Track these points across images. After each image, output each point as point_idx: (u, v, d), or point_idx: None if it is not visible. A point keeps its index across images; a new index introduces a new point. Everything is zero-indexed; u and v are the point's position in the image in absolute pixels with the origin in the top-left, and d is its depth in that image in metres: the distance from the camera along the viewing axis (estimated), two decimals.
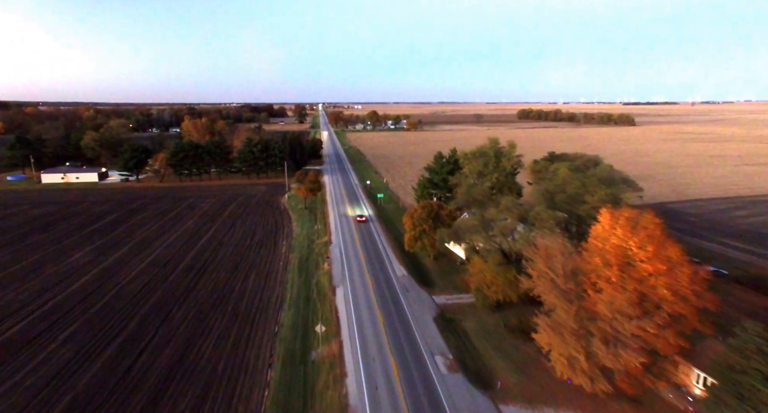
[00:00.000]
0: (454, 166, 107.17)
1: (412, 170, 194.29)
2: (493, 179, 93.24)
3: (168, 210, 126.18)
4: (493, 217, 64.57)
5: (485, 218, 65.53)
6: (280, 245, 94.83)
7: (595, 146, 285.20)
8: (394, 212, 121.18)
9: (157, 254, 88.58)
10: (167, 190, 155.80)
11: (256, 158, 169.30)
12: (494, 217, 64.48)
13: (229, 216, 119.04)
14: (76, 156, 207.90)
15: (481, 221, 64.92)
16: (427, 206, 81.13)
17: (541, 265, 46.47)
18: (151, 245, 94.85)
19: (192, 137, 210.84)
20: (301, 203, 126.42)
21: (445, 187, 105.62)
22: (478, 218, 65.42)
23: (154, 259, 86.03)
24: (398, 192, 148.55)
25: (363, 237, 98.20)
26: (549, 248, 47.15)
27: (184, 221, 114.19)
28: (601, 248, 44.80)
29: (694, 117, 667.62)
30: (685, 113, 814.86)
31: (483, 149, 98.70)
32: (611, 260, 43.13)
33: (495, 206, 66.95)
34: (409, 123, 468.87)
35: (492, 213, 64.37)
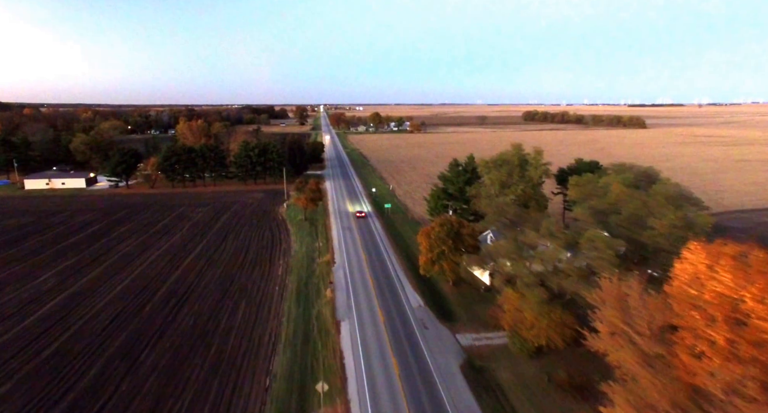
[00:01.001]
0: (472, 175, 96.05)
1: (418, 175, 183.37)
2: (518, 190, 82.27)
3: (155, 221, 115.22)
4: (533, 242, 53.43)
5: (522, 243, 54.39)
6: (277, 264, 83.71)
7: (609, 149, 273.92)
8: (403, 224, 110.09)
9: (135, 276, 77.53)
10: (157, 197, 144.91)
11: (253, 162, 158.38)
12: (533, 242, 53.34)
13: (222, 228, 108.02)
14: (65, 160, 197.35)
15: (517, 246, 53.77)
16: (445, 223, 69.97)
17: (614, 317, 35.32)
18: (131, 263, 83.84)
19: (187, 140, 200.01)
20: (301, 214, 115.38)
21: (462, 198, 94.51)
22: (512, 242, 54.26)
23: (132, 282, 75.00)
24: (405, 201, 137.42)
25: (370, 255, 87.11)
26: (623, 293, 36.00)
27: (171, 234, 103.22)
28: (695, 297, 33.65)
29: (705, 119, 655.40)
30: (694, 115, 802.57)
31: (505, 157, 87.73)
32: (716, 315, 31.99)
33: (532, 226, 55.83)
34: (413, 125, 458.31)
35: (531, 238, 53.21)
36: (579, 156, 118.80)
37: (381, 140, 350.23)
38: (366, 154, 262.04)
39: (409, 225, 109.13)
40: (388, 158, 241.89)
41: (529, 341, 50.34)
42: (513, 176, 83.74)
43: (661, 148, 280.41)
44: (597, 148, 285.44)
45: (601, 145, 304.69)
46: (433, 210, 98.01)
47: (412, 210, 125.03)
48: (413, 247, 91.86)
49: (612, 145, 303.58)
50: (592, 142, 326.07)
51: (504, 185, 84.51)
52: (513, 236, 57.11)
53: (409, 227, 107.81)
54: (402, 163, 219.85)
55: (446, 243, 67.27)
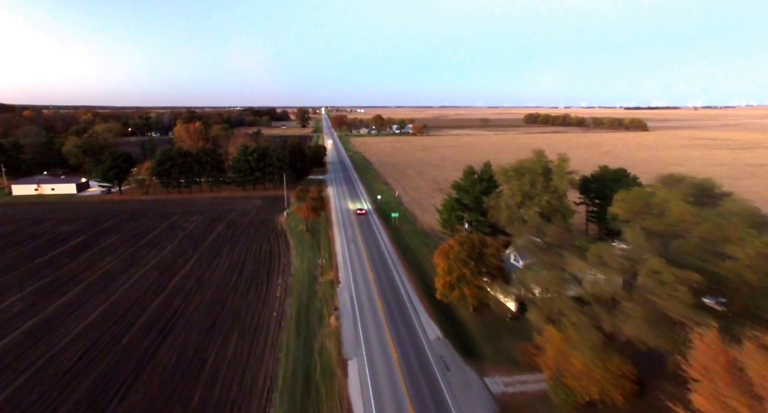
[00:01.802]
0: (489, 184, 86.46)
1: (424, 180, 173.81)
2: (542, 202, 72.57)
3: (145, 231, 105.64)
4: (578, 271, 43.85)
5: (566, 273, 44.83)
6: (275, 284, 74.10)
7: (615, 152, 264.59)
8: (411, 236, 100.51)
9: (115, 299, 67.93)
10: (150, 204, 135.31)
11: (251, 167, 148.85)
12: (579, 271, 43.76)
13: (216, 240, 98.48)
14: (58, 164, 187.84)
15: (560, 278, 44.19)
16: (466, 241, 60.41)
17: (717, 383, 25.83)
18: (113, 283, 74.24)
19: (184, 144, 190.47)
20: (302, 224, 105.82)
21: (478, 209, 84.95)
22: (554, 273, 44.65)
23: (110, 307, 65.41)
24: (413, 209, 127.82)
25: (378, 272, 77.51)
26: (733, 360, 26.47)
27: (161, 247, 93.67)
28: None
29: (703, 122, 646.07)
30: (691, 118, 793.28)
31: (527, 164, 78.18)
32: None
33: (576, 251, 46.22)
34: (415, 127, 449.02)
35: (577, 266, 43.60)
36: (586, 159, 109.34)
37: (384, 143, 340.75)
38: (369, 157, 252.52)
39: (419, 237, 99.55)
40: (392, 161, 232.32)
41: (577, 392, 40.79)
42: (537, 186, 74.18)
43: (667, 151, 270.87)
44: (602, 151, 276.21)
45: (606, 148, 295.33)
46: (446, 222, 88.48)
47: (421, 220, 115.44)
48: (424, 263, 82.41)
49: (617, 148, 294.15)
50: (596, 145, 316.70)
51: (527, 196, 74.91)
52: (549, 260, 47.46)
53: (419, 239, 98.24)
54: (407, 167, 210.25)
55: (468, 265, 57.73)
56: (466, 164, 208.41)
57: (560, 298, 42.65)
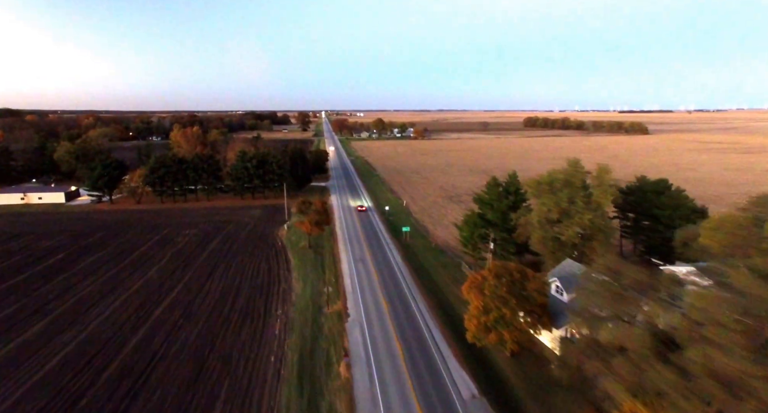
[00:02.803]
0: (516, 198, 74.90)
1: (432, 187, 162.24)
2: (584, 220, 60.88)
3: (133, 247, 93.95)
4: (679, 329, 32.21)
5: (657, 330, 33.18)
6: (274, 317, 62.42)
7: (622, 157, 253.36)
8: (425, 254, 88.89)
9: (85, 337, 56.26)
10: (142, 215, 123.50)
11: (250, 175, 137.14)
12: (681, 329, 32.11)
13: (210, 258, 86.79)
14: (51, 171, 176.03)
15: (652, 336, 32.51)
16: (503, 273, 48.92)
17: None
18: (86, 314, 62.54)
19: (181, 149, 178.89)
20: (305, 239, 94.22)
21: (504, 227, 73.41)
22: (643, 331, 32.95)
23: (77, 348, 53.73)
24: (424, 221, 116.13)
25: (392, 301, 65.85)
26: None
27: (148, 266, 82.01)
28: None
29: (701, 125, 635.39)
30: (689, 121, 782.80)
31: (562, 176, 66.44)
32: None
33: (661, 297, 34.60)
34: (416, 131, 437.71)
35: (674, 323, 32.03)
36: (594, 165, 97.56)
37: (386, 147, 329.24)
38: (372, 162, 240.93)
39: (433, 255, 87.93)
40: (396, 167, 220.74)
41: None
42: (576, 202, 62.60)
43: (675, 155, 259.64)
44: (609, 155, 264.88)
45: (611, 152, 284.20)
46: (468, 240, 76.86)
47: (433, 233, 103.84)
48: (444, 288, 70.86)
49: (622, 152, 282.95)
50: (601, 149, 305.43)
51: (564, 213, 63.36)
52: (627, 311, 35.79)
53: (434, 257, 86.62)
54: (411, 173, 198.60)
55: (508, 304, 46.22)
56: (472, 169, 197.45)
57: (654, 368, 31.01)
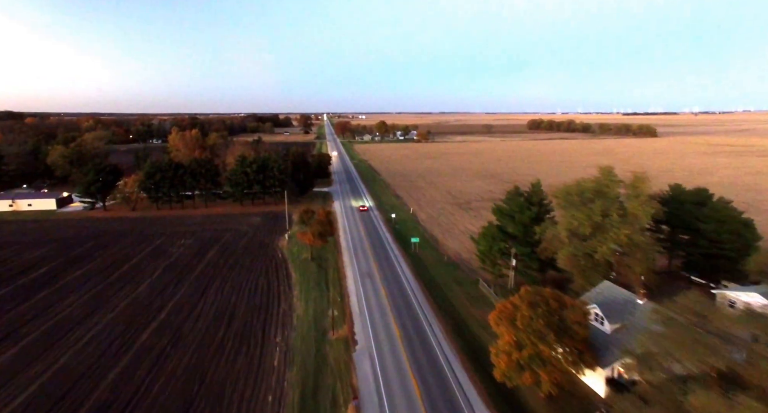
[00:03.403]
0: (539, 209, 68.14)
1: (439, 193, 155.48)
2: (621, 237, 54.05)
3: (123, 259, 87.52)
4: None
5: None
6: (272, 343, 55.75)
7: (632, 160, 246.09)
8: (438, 268, 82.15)
9: (56, 370, 49.68)
10: (136, 223, 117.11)
11: (250, 180, 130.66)
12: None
13: (205, 272, 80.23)
14: (45, 175, 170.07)
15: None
16: (538, 302, 42.17)
17: None
18: (63, 340, 56.02)
19: (179, 153, 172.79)
20: (307, 251, 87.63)
21: (526, 241, 66.65)
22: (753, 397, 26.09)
23: (49, 381, 47.20)
24: (432, 230, 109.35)
25: (405, 326, 59.10)
26: None
27: (138, 281, 75.53)
28: None
29: (711, 127, 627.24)
30: (696, 123, 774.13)
31: (593, 186, 59.74)
32: None
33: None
34: (420, 134, 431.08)
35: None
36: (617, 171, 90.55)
37: (389, 150, 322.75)
38: (375, 166, 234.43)
39: (446, 270, 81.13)
40: (400, 171, 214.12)
41: None
42: (612, 216, 55.81)
43: (689, 159, 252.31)
44: (618, 158, 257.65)
45: (620, 155, 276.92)
46: (486, 255, 70.02)
47: (444, 244, 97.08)
48: (461, 310, 64.12)
49: (633, 155, 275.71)
50: (609, 152, 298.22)
51: (598, 228, 56.59)
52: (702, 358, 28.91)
53: (447, 272, 79.82)
54: (417, 177, 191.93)
55: (546, 339, 39.48)
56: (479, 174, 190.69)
57: None
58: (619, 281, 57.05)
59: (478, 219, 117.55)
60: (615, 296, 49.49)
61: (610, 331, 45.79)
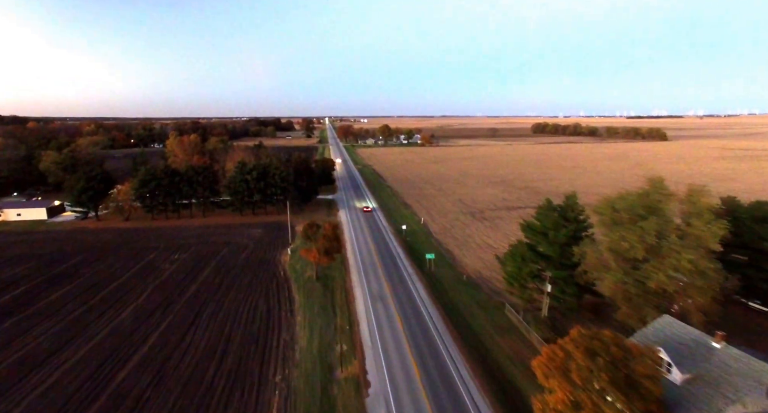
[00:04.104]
0: (577, 226, 59.92)
1: (449, 201, 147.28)
2: (682, 263, 45.75)
3: (110, 277, 79.69)
4: None
5: None
6: (270, 385, 47.59)
7: (648, 166, 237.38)
8: (456, 289, 73.92)
9: None
10: (129, 234, 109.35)
11: (250, 188, 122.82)
12: None
13: (198, 294, 72.24)
14: (39, 182, 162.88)
15: None
16: (598, 348, 33.89)
17: None
18: (23, 383, 48.05)
19: (177, 159, 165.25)
20: (311, 268, 79.62)
21: (562, 263, 58.42)
22: None
23: None
24: (446, 242, 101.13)
25: (425, 363, 50.85)
26: None
27: (122, 305, 67.62)
28: None
29: (721, 131, 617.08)
30: (703, 127, 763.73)
31: (643, 201, 51.53)
32: None
33: None
34: (424, 138, 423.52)
35: None
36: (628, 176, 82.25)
37: (393, 155, 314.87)
38: (380, 171, 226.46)
39: (467, 292, 72.85)
40: (406, 176, 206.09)
41: None
42: (669, 237, 47.54)
43: (705, 164, 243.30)
44: (632, 163, 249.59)
45: (633, 160, 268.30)
46: (515, 278, 61.73)
47: (461, 260, 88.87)
48: (487, 340, 56.06)
49: (647, 160, 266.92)
50: (622, 157, 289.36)
51: (653, 251, 48.33)
52: None
53: (468, 295, 71.54)
54: (424, 183, 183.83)
55: (614, 396, 31.21)
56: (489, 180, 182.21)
57: None
58: (673, 312, 48.74)
59: (495, 231, 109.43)
60: (681, 336, 41.13)
61: (680, 381, 37.42)
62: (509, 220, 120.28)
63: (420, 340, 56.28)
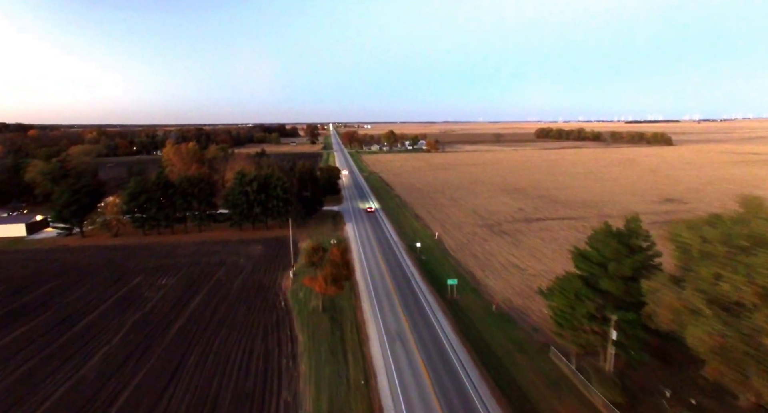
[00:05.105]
0: (642, 256, 47.51)
1: (463, 212, 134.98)
2: None
3: (84, 309, 67.54)
4: None
5: None
6: None
7: (661, 171, 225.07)
8: (486, 324, 61.49)
9: None
10: (115, 254, 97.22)
11: (250, 201, 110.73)
12: None
13: (184, 332, 59.96)
14: (26, 194, 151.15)
15: None
16: None
17: None
18: None
19: (174, 168, 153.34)
20: (317, 297, 67.34)
21: (628, 301, 46.04)
22: None
23: None
24: (466, 262, 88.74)
25: None
26: None
27: (90, 350, 55.41)
28: None
29: (720, 135, 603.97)
30: (701, 131, 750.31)
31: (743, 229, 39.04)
32: None
33: None
34: (429, 143, 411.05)
35: None
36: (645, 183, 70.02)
37: (399, 161, 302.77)
38: (387, 179, 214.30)
39: (498, 326, 60.42)
40: (415, 184, 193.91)
41: None
42: None
43: (720, 169, 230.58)
44: (645, 169, 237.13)
45: (646, 166, 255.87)
46: (565, 320, 49.21)
47: (486, 284, 76.45)
48: (538, 401, 43.44)
49: (658, 165, 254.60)
50: (632, 162, 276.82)
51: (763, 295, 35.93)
52: None
53: (501, 331, 59.13)
54: (435, 192, 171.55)
55: None
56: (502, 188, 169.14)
57: None
58: None
59: (518, 247, 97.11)
60: None
61: None
62: (531, 234, 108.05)
63: (453, 399, 43.90)
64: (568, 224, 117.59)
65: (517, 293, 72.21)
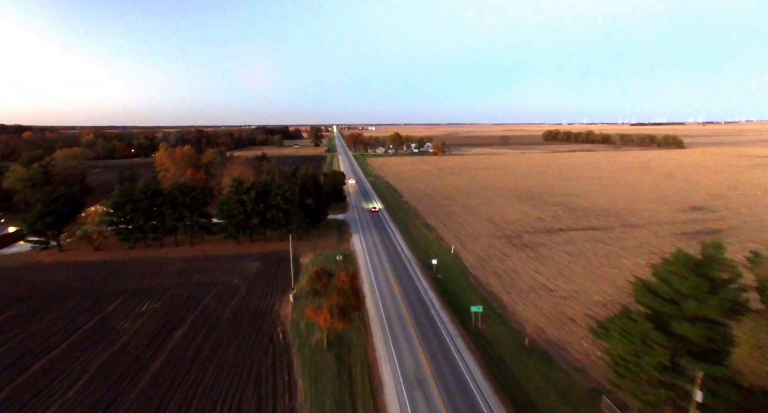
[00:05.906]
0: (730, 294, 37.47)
1: (479, 222, 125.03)
2: None
3: (44, 345, 57.77)
4: None
5: None
6: None
7: (679, 176, 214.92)
8: (518, 361, 51.61)
9: None
10: (93, 272, 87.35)
11: (247, 211, 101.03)
12: None
13: (159, 377, 50.04)
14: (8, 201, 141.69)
15: None
16: None
17: None
18: None
19: (168, 173, 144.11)
20: (321, 331, 57.38)
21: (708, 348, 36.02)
22: None
23: None
24: (488, 282, 78.67)
25: None
26: None
27: (43, 402, 45.56)
28: None
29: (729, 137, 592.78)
30: (709, 134, 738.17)
31: None
32: None
33: None
34: (435, 146, 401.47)
35: None
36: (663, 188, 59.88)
37: (406, 165, 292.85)
38: (394, 184, 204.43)
39: (536, 366, 50.34)
40: (425, 190, 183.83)
41: None
42: None
43: (740, 173, 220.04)
44: (662, 174, 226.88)
45: (661, 169, 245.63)
46: (629, 370, 39.11)
47: (513, 310, 66.44)
48: None
49: (674, 169, 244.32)
50: (646, 166, 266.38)
51: None
52: None
53: (538, 372, 49.11)
54: (446, 199, 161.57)
55: None
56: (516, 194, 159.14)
57: None
58: None
59: (543, 264, 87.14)
60: None
61: None
62: (554, 247, 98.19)
63: None
64: (592, 236, 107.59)
65: (550, 322, 62.29)
